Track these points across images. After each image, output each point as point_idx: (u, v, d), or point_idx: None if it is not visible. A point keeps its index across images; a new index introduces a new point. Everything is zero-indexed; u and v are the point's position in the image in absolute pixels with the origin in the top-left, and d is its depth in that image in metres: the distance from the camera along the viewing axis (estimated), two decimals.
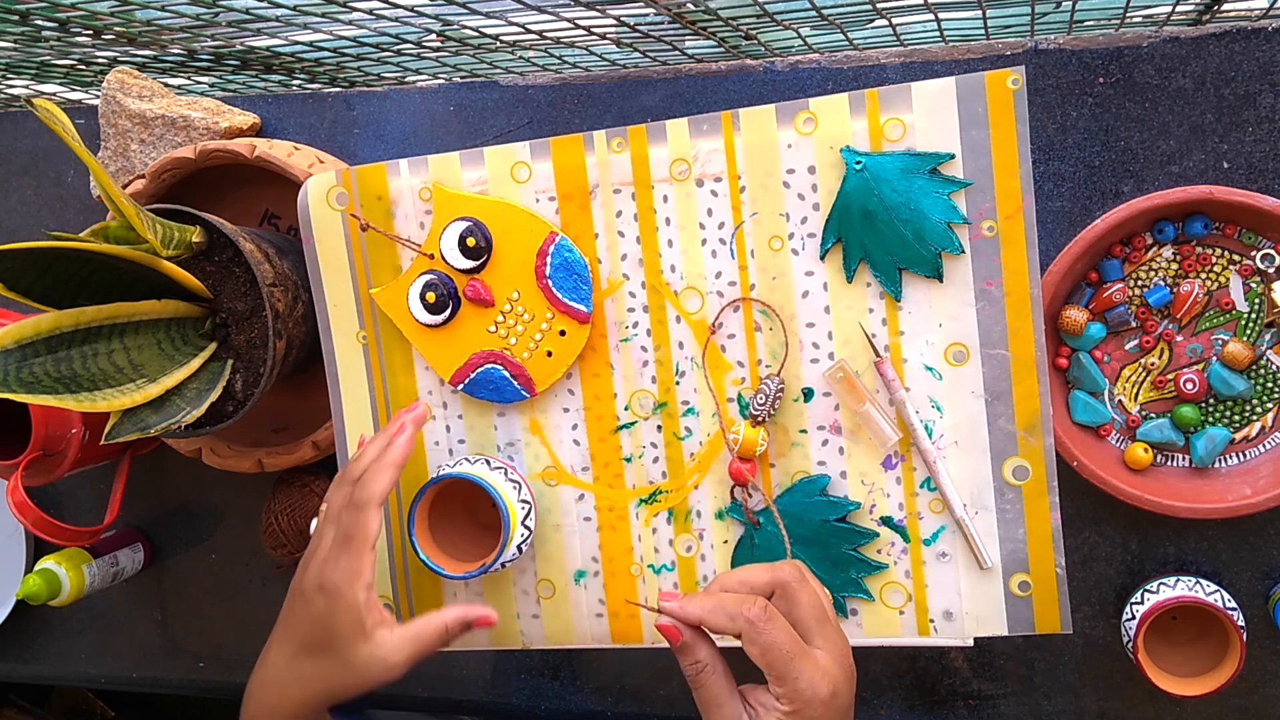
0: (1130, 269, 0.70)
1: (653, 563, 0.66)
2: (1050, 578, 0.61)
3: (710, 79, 0.76)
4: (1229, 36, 0.69)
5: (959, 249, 0.59)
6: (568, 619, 0.68)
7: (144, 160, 0.82)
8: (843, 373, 0.62)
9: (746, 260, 0.63)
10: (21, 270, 0.61)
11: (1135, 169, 0.71)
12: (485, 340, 0.66)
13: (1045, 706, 0.77)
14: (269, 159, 0.74)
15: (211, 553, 0.91)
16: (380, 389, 0.69)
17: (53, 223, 0.91)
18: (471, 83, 0.82)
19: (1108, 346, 0.71)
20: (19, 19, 0.72)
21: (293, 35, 0.82)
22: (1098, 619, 0.75)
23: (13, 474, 0.76)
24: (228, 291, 0.70)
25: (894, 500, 0.62)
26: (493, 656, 0.86)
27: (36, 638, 0.96)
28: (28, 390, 0.60)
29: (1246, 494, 0.68)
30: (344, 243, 0.68)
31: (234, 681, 0.92)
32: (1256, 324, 0.69)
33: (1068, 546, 0.74)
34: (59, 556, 0.85)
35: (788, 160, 0.61)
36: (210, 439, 0.79)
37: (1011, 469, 0.61)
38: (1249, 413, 0.70)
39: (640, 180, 0.63)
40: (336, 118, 0.83)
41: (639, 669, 0.83)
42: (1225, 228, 0.69)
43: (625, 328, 0.65)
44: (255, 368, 0.69)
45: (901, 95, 0.59)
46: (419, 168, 0.66)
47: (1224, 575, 0.73)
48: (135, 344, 0.67)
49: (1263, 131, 0.69)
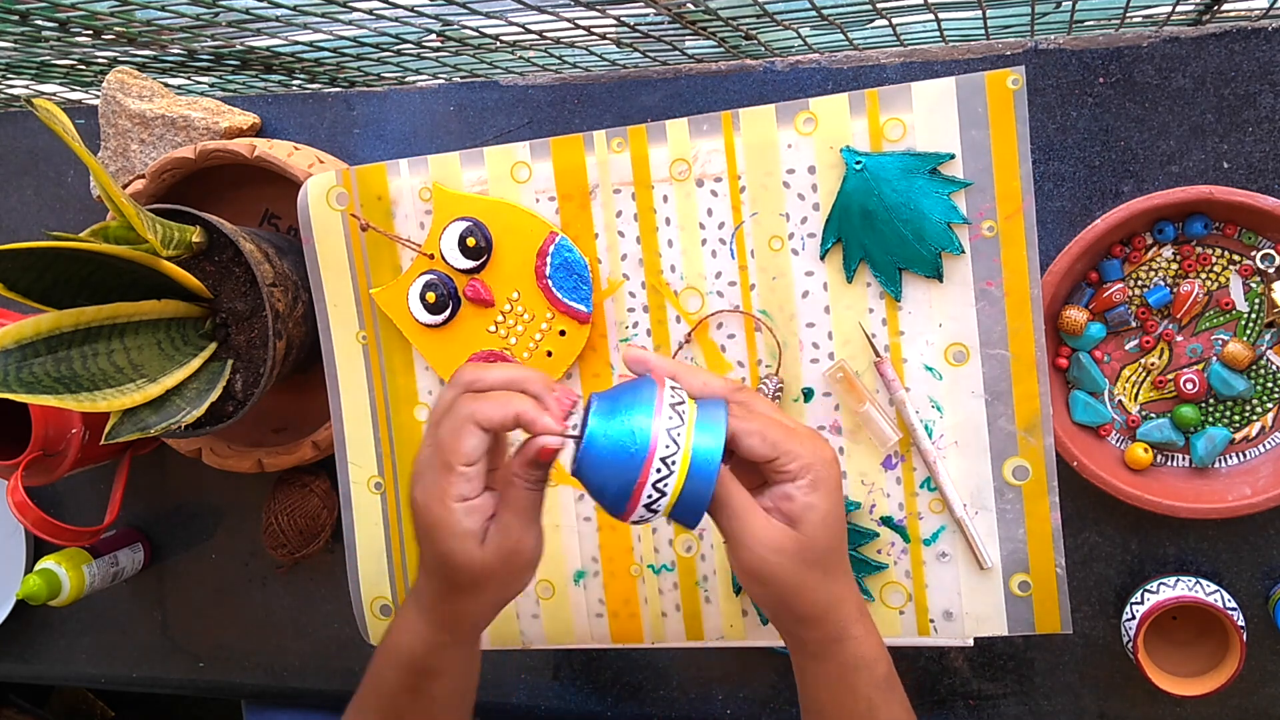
0: (1130, 269, 0.70)
1: (652, 563, 0.66)
2: (1050, 578, 0.61)
3: (710, 79, 0.76)
4: (1229, 36, 0.69)
5: (959, 249, 0.59)
6: (568, 619, 0.68)
7: (144, 160, 0.81)
8: (843, 373, 0.62)
9: (746, 260, 0.63)
10: (21, 270, 0.61)
11: (1135, 169, 0.71)
12: (485, 340, 0.66)
13: (1045, 706, 0.77)
14: (269, 159, 0.74)
15: (211, 553, 0.91)
16: (380, 389, 0.69)
17: (53, 223, 0.91)
18: (471, 83, 0.82)
19: (1108, 346, 0.71)
20: (19, 19, 0.72)
21: (293, 35, 0.82)
22: (1098, 619, 0.75)
23: (13, 474, 0.76)
24: (228, 291, 0.70)
25: (894, 500, 0.62)
26: (493, 656, 0.86)
27: (36, 638, 0.96)
28: (28, 390, 0.60)
29: (1246, 494, 0.68)
30: (344, 243, 0.68)
31: (234, 681, 0.92)
32: (1256, 324, 0.69)
33: (1068, 546, 0.74)
34: (59, 556, 0.85)
35: (788, 160, 0.61)
36: (210, 439, 0.79)
37: (1011, 469, 0.61)
38: (1249, 413, 0.70)
39: (640, 180, 0.63)
40: (336, 118, 0.83)
41: (639, 669, 0.83)
42: (1225, 228, 0.69)
43: (625, 328, 0.65)
44: (255, 368, 0.69)
45: (901, 95, 0.59)
46: (419, 168, 0.66)
47: (1224, 575, 0.73)
48: (135, 344, 0.67)
49: (1263, 131, 0.69)
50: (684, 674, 0.82)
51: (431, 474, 0.50)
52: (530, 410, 0.49)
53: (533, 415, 0.49)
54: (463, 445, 0.49)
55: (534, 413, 0.49)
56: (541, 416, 0.49)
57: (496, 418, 0.49)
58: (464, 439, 0.49)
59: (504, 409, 0.49)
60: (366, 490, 0.70)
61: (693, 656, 0.82)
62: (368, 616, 0.71)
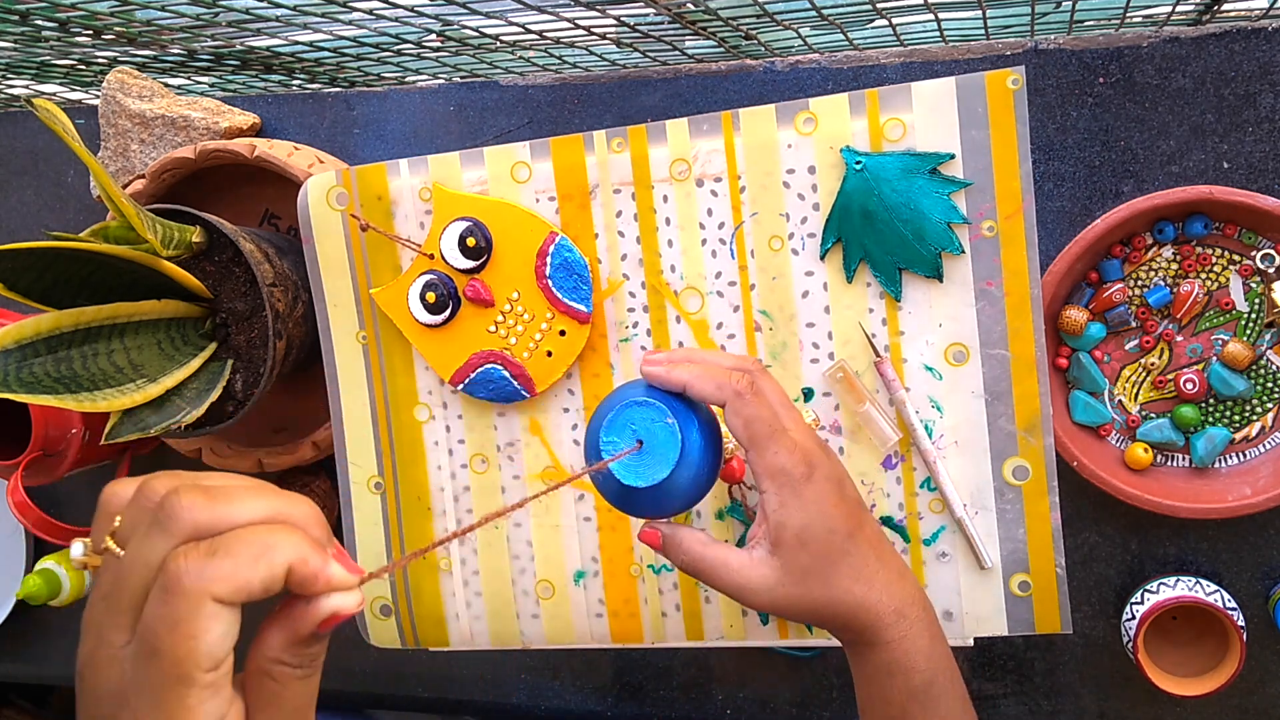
0: (1130, 269, 0.70)
1: (652, 563, 0.66)
2: (1050, 578, 0.61)
3: (710, 79, 0.76)
4: (1229, 36, 0.69)
5: (959, 249, 0.59)
6: (568, 619, 0.68)
7: (144, 160, 0.81)
8: (843, 373, 0.62)
9: (746, 260, 0.63)
10: (21, 270, 0.61)
11: (1135, 169, 0.71)
12: (485, 340, 0.66)
13: (1045, 706, 0.77)
14: (269, 159, 0.74)
15: None
16: (380, 389, 0.69)
17: (53, 223, 0.91)
18: (471, 83, 0.82)
19: (1108, 346, 0.71)
20: (19, 19, 0.72)
21: (293, 35, 0.82)
22: (1098, 619, 0.75)
23: (13, 474, 0.76)
24: (228, 291, 0.70)
25: (894, 500, 0.62)
26: (493, 656, 0.86)
27: (36, 638, 0.96)
28: (28, 390, 0.60)
29: (1246, 494, 0.68)
30: (344, 243, 0.68)
31: None
32: (1256, 324, 0.69)
33: (1068, 546, 0.74)
34: (59, 556, 0.85)
35: (788, 160, 0.61)
36: (210, 439, 0.79)
37: (1011, 469, 0.61)
38: (1249, 413, 0.70)
39: (640, 180, 0.63)
40: (336, 118, 0.83)
41: (639, 669, 0.83)
42: (1225, 228, 0.69)
43: (625, 328, 0.65)
44: (255, 368, 0.69)
45: (901, 95, 0.59)
46: (419, 168, 0.66)
47: (1224, 575, 0.73)
48: (135, 344, 0.67)
49: (1263, 131, 0.69)
50: (684, 674, 0.82)
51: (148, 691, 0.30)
52: (310, 556, 0.31)
53: (315, 565, 0.32)
54: (202, 640, 0.30)
55: (316, 561, 0.32)
56: (328, 564, 0.32)
57: (256, 582, 0.30)
58: (202, 628, 0.30)
59: (263, 564, 0.31)
60: (366, 490, 0.70)
61: (693, 656, 0.82)
62: (368, 616, 0.71)
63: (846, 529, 0.50)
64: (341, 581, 0.32)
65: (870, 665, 0.51)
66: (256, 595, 0.31)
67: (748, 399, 0.49)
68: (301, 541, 0.32)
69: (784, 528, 0.49)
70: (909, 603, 0.51)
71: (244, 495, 0.32)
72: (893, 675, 0.50)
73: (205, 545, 0.30)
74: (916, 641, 0.50)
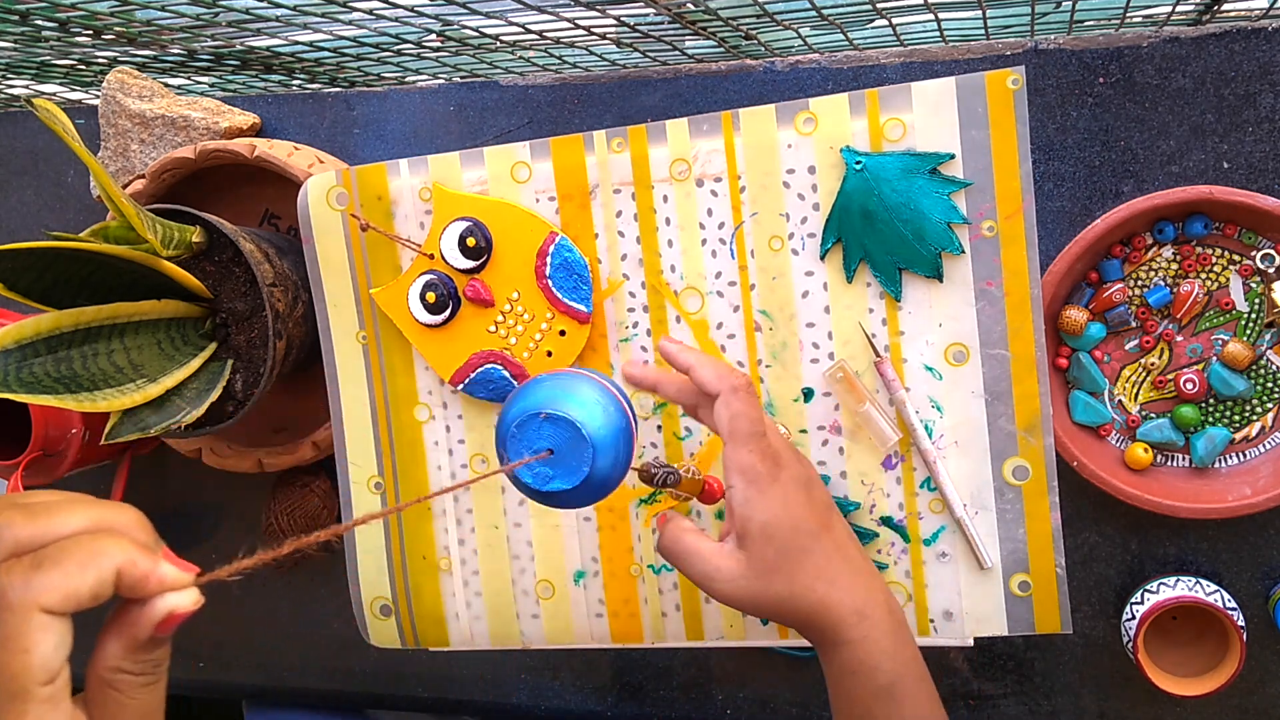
0: (1130, 269, 0.70)
1: (652, 563, 0.66)
2: (1050, 578, 0.61)
3: (710, 79, 0.76)
4: (1229, 36, 0.69)
5: (959, 249, 0.59)
6: (568, 619, 0.68)
7: (144, 160, 0.81)
8: (843, 373, 0.62)
9: (746, 260, 0.63)
10: (21, 270, 0.61)
11: (1135, 169, 0.71)
12: (485, 340, 0.66)
13: (1045, 706, 0.77)
14: (269, 159, 0.74)
15: (211, 553, 0.91)
16: (380, 389, 0.69)
17: (53, 223, 0.91)
18: (471, 83, 0.82)
19: (1108, 346, 0.71)
20: (19, 19, 0.72)
21: (293, 35, 0.82)
22: (1098, 619, 0.75)
23: (13, 474, 0.76)
24: (228, 291, 0.70)
25: (894, 500, 0.62)
26: (493, 656, 0.86)
27: None
28: (28, 390, 0.60)
29: (1246, 494, 0.68)
30: (344, 243, 0.68)
31: (234, 681, 0.92)
32: (1256, 324, 0.69)
33: (1068, 546, 0.74)
34: None
35: (788, 160, 0.61)
36: (210, 439, 0.79)
37: (1011, 469, 0.61)
38: (1249, 413, 0.70)
39: (640, 180, 0.63)
40: (336, 118, 0.83)
41: (639, 669, 0.83)
42: (1225, 228, 0.69)
43: (625, 328, 0.65)
44: (255, 368, 0.69)
45: (901, 95, 0.59)
46: (419, 168, 0.66)
47: (1224, 575, 0.73)
48: (135, 344, 0.67)
49: (1263, 131, 0.69)
50: (684, 674, 0.82)
51: None
52: (138, 558, 0.31)
53: (145, 566, 0.31)
54: (35, 654, 0.29)
55: (145, 562, 0.31)
56: (158, 564, 0.32)
57: (84, 588, 0.30)
58: (34, 641, 0.29)
59: (91, 570, 0.30)
60: (366, 490, 0.70)
61: (693, 656, 0.82)
62: (368, 616, 0.71)
63: (811, 528, 0.51)
64: (175, 580, 0.32)
65: (835, 665, 0.52)
66: (86, 603, 0.31)
67: (742, 395, 0.52)
68: (128, 545, 0.31)
69: (750, 521, 0.51)
70: (872, 604, 0.51)
71: (63, 508, 0.32)
72: (856, 675, 0.51)
73: (29, 559, 0.30)
74: (880, 642, 0.51)
